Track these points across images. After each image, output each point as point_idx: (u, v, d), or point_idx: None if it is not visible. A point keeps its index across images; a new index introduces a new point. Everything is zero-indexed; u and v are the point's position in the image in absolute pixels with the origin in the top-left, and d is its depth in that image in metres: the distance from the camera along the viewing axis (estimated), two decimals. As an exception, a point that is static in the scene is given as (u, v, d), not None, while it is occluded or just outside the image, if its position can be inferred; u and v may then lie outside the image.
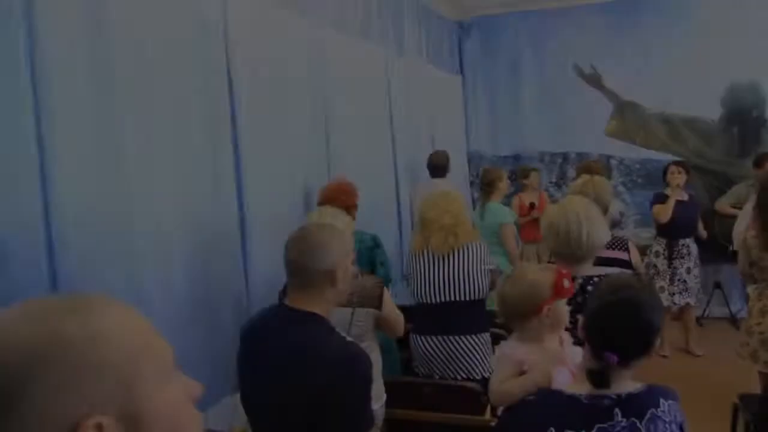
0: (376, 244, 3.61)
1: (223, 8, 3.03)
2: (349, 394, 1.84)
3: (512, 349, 2.00)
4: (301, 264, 1.93)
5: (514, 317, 2.03)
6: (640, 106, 7.03)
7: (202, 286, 2.87)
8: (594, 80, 7.12)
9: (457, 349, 3.32)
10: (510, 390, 1.91)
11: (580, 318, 1.77)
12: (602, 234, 2.47)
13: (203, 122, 2.88)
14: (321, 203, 3.56)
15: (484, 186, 5.18)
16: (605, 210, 3.36)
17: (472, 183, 7.42)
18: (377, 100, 4.96)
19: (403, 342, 3.78)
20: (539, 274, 2.03)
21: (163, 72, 2.62)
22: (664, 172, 5.87)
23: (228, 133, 3.04)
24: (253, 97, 3.25)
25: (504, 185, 5.25)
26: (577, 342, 2.15)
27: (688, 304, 5.74)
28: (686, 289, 5.68)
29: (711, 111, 6.85)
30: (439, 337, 3.35)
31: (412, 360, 3.54)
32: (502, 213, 4.96)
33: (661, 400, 1.68)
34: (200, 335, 2.81)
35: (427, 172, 5.51)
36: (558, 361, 1.96)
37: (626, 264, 3.20)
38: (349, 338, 1.96)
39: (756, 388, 3.58)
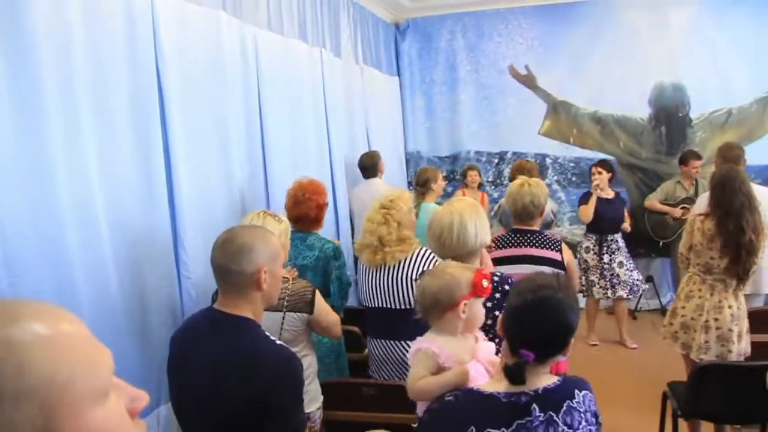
0: (335, 255, 3.53)
1: (151, 6, 2.96)
2: (282, 398, 1.82)
3: (428, 342, 2.00)
4: (226, 266, 1.90)
5: (431, 310, 2.02)
6: (573, 106, 7.21)
7: (134, 292, 2.80)
8: (529, 81, 7.26)
9: (396, 353, 3.32)
10: (428, 387, 1.90)
11: (499, 315, 1.79)
12: (477, 238, 2.48)
13: (132, 124, 2.81)
14: (290, 204, 3.52)
15: (418, 186, 5.22)
16: (541, 212, 3.42)
17: (410, 183, 7.45)
18: (313, 101, 4.93)
19: (353, 345, 3.79)
20: (460, 270, 2.05)
21: (89, 73, 2.55)
22: (591, 174, 6.13)
23: (158, 135, 2.96)
24: (184, 98, 3.19)
25: (439, 186, 5.30)
26: (492, 339, 2.19)
27: (621, 297, 5.92)
28: (619, 283, 5.87)
29: (640, 111, 7.09)
30: (387, 341, 3.35)
31: (370, 363, 3.54)
32: (430, 213, 4.99)
33: (576, 391, 1.71)
34: (133, 343, 2.74)
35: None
36: (472, 356, 1.98)
37: (559, 264, 3.27)
38: (278, 341, 1.93)
39: (684, 376, 3.69)
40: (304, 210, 3.46)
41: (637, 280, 5.97)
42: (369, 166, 5.45)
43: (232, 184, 3.71)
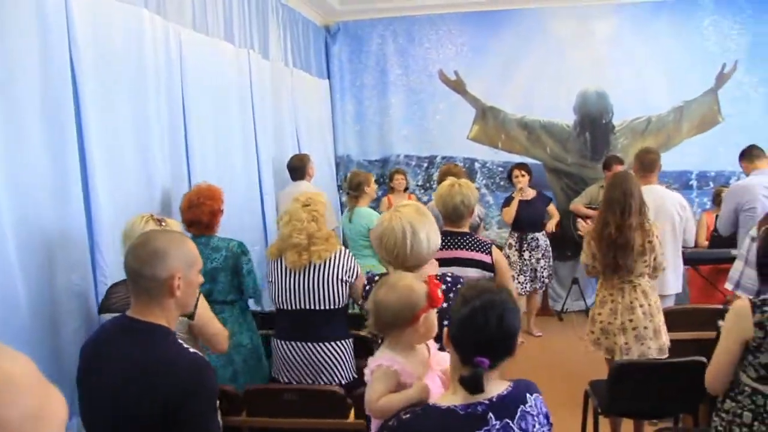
0: (242, 251, 3.50)
1: (65, 1, 2.84)
2: (196, 407, 1.75)
3: (388, 360, 1.94)
4: (138, 271, 1.82)
5: (389, 326, 1.97)
6: (501, 112, 7.34)
7: (44, 298, 2.68)
8: (458, 86, 7.35)
9: (317, 356, 3.28)
10: (391, 405, 1.85)
11: (446, 326, 1.75)
12: (430, 244, 2.43)
13: (43, 124, 2.69)
14: (185, 207, 3.46)
15: (351, 190, 5.20)
16: (471, 212, 3.44)
17: (340, 187, 7.44)
18: (240, 103, 4.85)
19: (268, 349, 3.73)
20: (413, 281, 2.00)
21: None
22: (509, 175, 6.41)
23: (73, 134, 2.84)
24: (102, 97, 3.09)
25: (371, 189, 5.30)
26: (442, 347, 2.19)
27: (535, 289, 6.39)
28: (535, 278, 6.30)
29: (566, 117, 7.28)
30: (300, 343, 3.30)
31: (273, 366, 3.48)
32: (370, 217, 5.00)
33: (527, 395, 1.71)
34: (42, 352, 2.61)
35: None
36: (427, 367, 1.96)
37: (488, 266, 3.28)
38: (192, 350, 1.87)
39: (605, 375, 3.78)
40: (197, 214, 3.42)
41: (546, 275, 6.41)
42: (297, 168, 5.40)
43: (153, 185, 3.61)
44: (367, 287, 2.60)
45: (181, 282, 1.85)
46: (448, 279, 2.41)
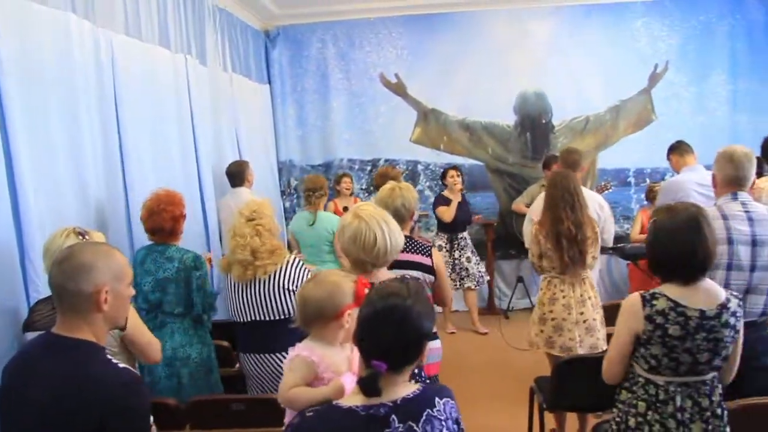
0: (195, 265, 3.39)
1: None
2: (125, 425, 1.70)
3: (308, 350, 1.94)
4: (62, 286, 1.75)
5: (314, 320, 1.98)
6: (443, 114, 7.40)
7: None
8: (399, 89, 7.38)
9: (269, 366, 3.24)
10: (300, 397, 1.85)
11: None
12: (399, 240, 2.51)
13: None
14: (145, 216, 3.36)
15: (312, 194, 5.13)
16: (412, 215, 3.44)
17: (283, 193, 7.37)
18: (178, 109, 4.76)
19: (224, 360, 3.66)
20: (342, 278, 2.01)
21: None
22: (443, 176, 6.54)
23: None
24: (28, 104, 2.99)
25: (326, 193, 5.29)
26: None
27: (469, 287, 6.54)
28: (468, 276, 6.49)
29: (507, 118, 7.39)
30: (258, 355, 3.26)
31: (247, 379, 3.44)
32: (332, 221, 4.98)
33: (437, 400, 1.70)
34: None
35: (233, 183, 5.40)
36: (348, 366, 1.95)
37: (428, 269, 3.29)
38: (122, 365, 1.80)
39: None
40: (159, 222, 3.34)
41: (481, 272, 6.62)
42: (235, 174, 5.33)
43: (87, 195, 3.51)
44: None
45: (109, 296, 1.78)
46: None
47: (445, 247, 6.49)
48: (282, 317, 3.23)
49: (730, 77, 7.31)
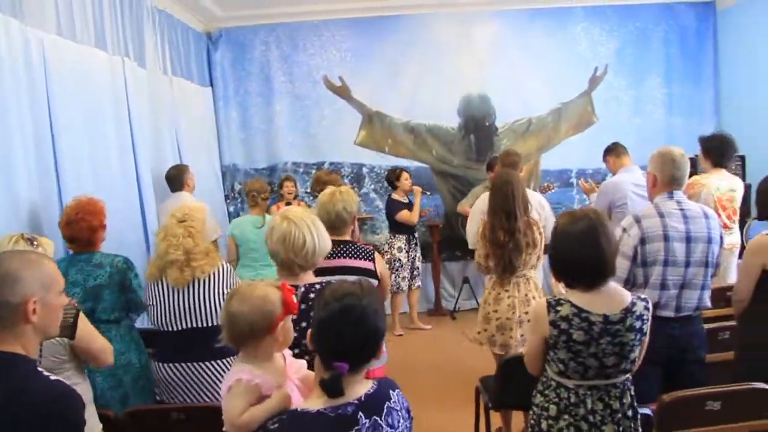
0: (128, 266, 3.32)
1: None
2: None
3: (248, 374, 1.88)
4: None
5: (246, 338, 1.91)
6: (387, 117, 7.41)
7: None
8: (343, 92, 7.36)
9: (200, 375, 3.17)
10: (254, 419, 1.78)
11: (309, 329, 1.74)
12: (326, 243, 2.49)
13: None
14: (64, 224, 3.25)
15: (258, 194, 5.06)
16: (354, 219, 3.43)
17: (227, 197, 7.26)
18: (116, 113, 4.63)
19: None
20: (267, 289, 1.94)
21: None
22: (397, 178, 6.58)
23: None
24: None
25: (269, 196, 5.23)
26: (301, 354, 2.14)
27: (418, 287, 6.84)
28: (419, 274, 6.78)
29: (451, 120, 7.46)
30: (182, 365, 3.18)
31: (156, 388, 3.33)
32: None
33: (391, 392, 1.74)
34: None
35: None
36: (285, 376, 1.92)
37: (372, 273, 3.29)
38: (53, 377, 1.74)
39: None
40: (76, 230, 3.22)
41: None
42: (174, 179, 5.21)
43: (19, 202, 3.38)
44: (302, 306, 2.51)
45: (38, 306, 1.72)
46: (302, 289, 2.39)
47: (405, 248, 6.59)
48: (217, 323, 3.17)
49: (665, 81, 7.56)
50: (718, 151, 4.68)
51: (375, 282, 3.24)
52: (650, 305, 2.41)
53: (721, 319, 3.83)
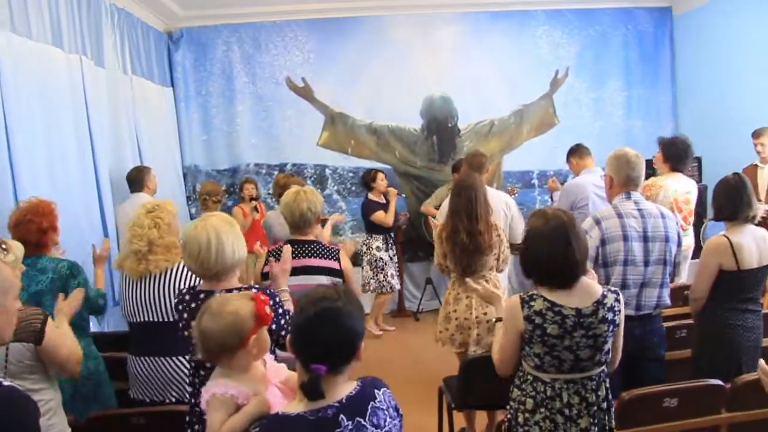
0: (72, 273, 3.22)
1: None
2: None
3: (222, 387, 1.87)
4: None
5: (218, 353, 1.91)
6: (350, 118, 7.39)
7: None
8: (306, 93, 7.32)
9: (167, 371, 3.12)
10: (234, 427, 1.80)
11: (288, 335, 1.74)
12: (235, 254, 2.41)
13: None
14: (13, 225, 3.16)
15: (209, 197, 4.99)
16: (318, 219, 3.42)
17: (189, 198, 7.16)
18: (74, 113, 4.54)
19: (118, 373, 3.49)
20: (239, 302, 1.94)
21: None
22: (372, 180, 6.48)
23: None
24: None
25: (222, 200, 5.16)
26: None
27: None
28: (399, 274, 6.68)
29: (413, 122, 7.47)
30: (150, 358, 3.12)
31: (129, 384, 3.27)
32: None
33: (376, 391, 1.75)
34: None
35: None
36: (266, 382, 1.91)
37: (337, 272, 3.30)
38: (6, 382, 1.68)
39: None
40: (24, 233, 3.12)
41: None
42: (134, 180, 5.13)
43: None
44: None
45: None
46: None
47: (383, 248, 6.52)
48: (173, 319, 3.13)
49: (625, 84, 7.70)
50: (677, 157, 4.78)
51: (340, 281, 3.27)
52: (621, 297, 2.44)
53: (679, 318, 3.92)
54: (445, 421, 3.69)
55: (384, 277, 6.42)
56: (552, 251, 2.33)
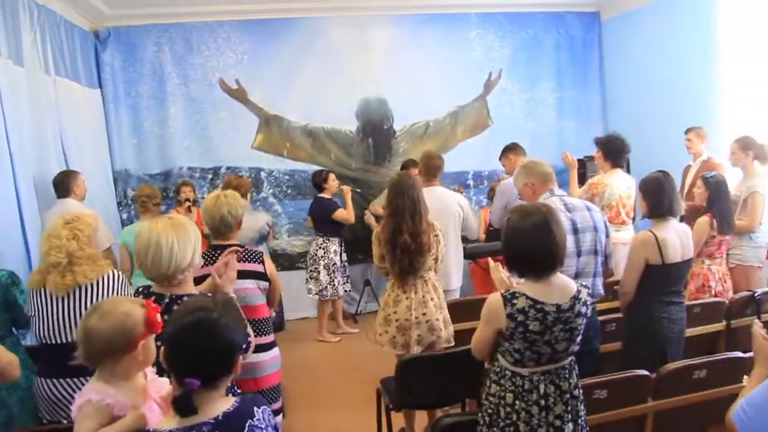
0: (13, 281, 3.12)
1: None
2: None
3: (99, 394, 1.81)
4: None
5: (103, 355, 1.84)
6: (285, 120, 7.31)
7: None
8: (240, 95, 7.20)
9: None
10: None
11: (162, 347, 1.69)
12: (174, 259, 2.38)
13: None
14: None
15: (148, 200, 4.84)
16: (239, 223, 3.35)
17: (120, 203, 6.94)
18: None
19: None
20: (131, 306, 1.89)
21: None
22: (324, 180, 6.43)
23: None
24: None
25: (160, 203, 5.02)
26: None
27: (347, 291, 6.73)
28: (348, 277, 6.63)
29: (349, 123, 7.45)
30: (68, 380, 2.98)
31: (39, 407, 3.11)
32: None
33: (255, 409, 1.69)
34: None
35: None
36: (145, 396, 1.84)
37: (262, 275, 3.27)
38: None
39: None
40: None
41: None
42: (59, 185, 4.91)
43: None
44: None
45: None
46: (166, 299, 2.35)
47: (339, 251, 6.46)
48: None
49: (557, 86, 7.90)
50: (615, 153, 4.91)
51: (266, 284, 3.25)
52: (591, 291, 2.57)
53: (609, 312, 4.02)
54: (384, 423, 3.67)
55: (333, 282, 6.35)
56: (534, 243, 2.40)
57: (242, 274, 3.06)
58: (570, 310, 2.40)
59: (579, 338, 2.49)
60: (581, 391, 2.55)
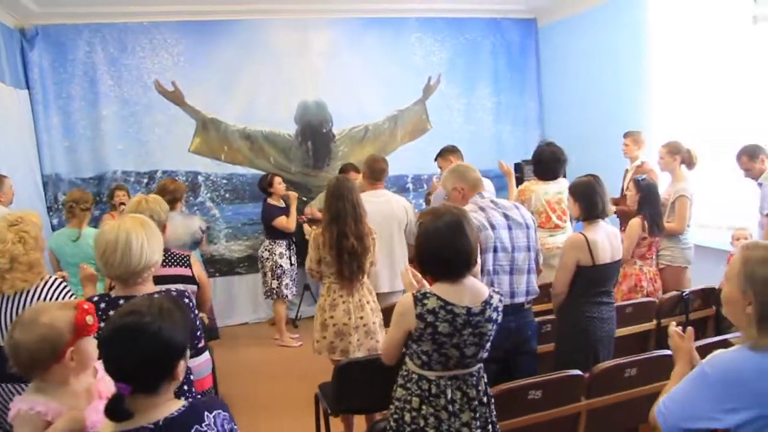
0: None
1: None
2: None
3: (28, 403, 1.74)
4: None
5: (30, 368, 1.78)
6: (223, 123, 7.20)
7: None
8: (176, 98, 7.05)
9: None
10: None
11: None
12: (144, 257, 2.31)
13: None
14: None
15: (76, 205, 4.67)
16: (164, 228, 3.28)
17: (50, 209, 6.69)
18: None
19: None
20: (56, 313, 1.81)
21: None
22: (269, 184, 6.39)
23: None
24: None
25: (91, 208, 4.84)
26: None
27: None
28: (297, 281, 6.59)
29: (288, 127, 7.40)
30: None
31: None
32: None
33: (206, 414, 1.64)
34: None
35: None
36: (91, 396, 1.78)
37: (190, 279, 3.21)
38: None
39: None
40: None
41: None
42: None
43: None
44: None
45: None
46: (102, 305, 2.26)
47: (286, 254, 6.41)
48: None
49: (494, 91, 8.02)
50: (543, 169, 5.00)
51: (194, 287, 3.21)
52: (503, 299, 2.55)
53: (544, 314, 4.10)
54: (323, 428, 3.63)
55: (278, 285, 6.30)
56: (446, 245, 2.40)
57: (166, 279, 2.99)
58: (480, 314, 2.40)
59: (488, 345, 2.48)
60: (491, 398, 2.55)
